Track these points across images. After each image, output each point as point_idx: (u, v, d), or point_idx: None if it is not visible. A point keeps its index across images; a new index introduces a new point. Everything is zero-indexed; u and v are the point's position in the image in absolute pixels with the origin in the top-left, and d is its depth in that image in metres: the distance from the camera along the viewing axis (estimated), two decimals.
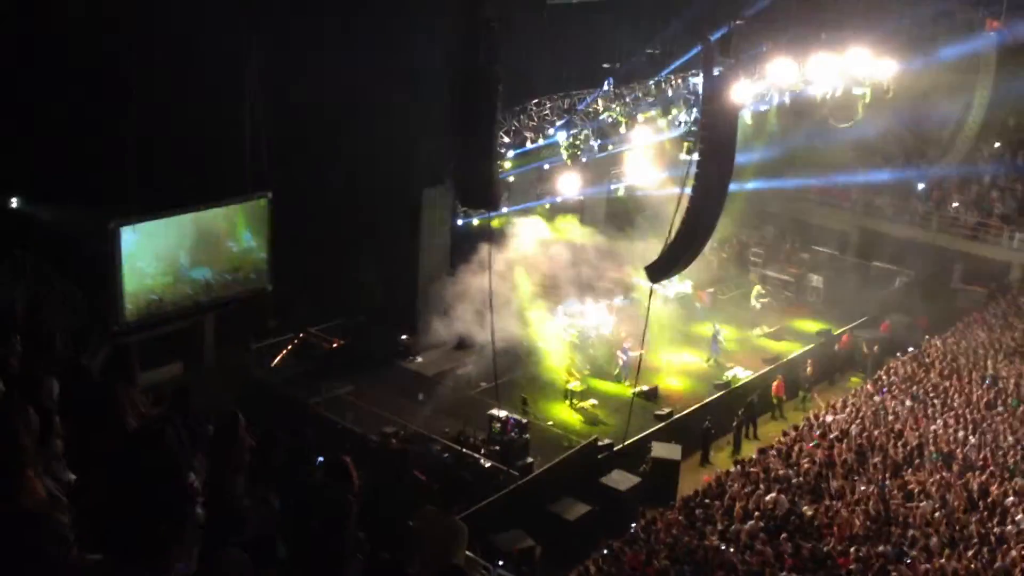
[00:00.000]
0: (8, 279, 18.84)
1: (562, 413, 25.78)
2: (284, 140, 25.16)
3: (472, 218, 26.94)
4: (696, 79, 25.85)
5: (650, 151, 30.37)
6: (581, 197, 29.85)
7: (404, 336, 27.94)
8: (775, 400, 27.44)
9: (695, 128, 24.34)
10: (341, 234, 26.41)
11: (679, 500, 20.91)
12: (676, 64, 27.46)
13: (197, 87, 22.22)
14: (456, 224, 27.49)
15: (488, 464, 21.90)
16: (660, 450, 22.99)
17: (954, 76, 35.33)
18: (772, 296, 34.76)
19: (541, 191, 30.02)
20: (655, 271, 22.09)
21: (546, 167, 28.34)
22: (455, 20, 21.60)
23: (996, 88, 36.14)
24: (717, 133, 20.82)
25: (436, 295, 27.15)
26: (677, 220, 21.03)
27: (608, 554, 18.12)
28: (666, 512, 19.96)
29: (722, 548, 17.78)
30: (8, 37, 20.03)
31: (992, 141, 38.54)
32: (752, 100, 28.49)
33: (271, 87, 24.72)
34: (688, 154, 23.81)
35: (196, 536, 3.77)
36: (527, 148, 26.01)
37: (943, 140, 38.44)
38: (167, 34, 21.10)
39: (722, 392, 26.76)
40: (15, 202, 22.39)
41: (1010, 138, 38.59)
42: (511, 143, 25.34)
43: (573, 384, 26.26)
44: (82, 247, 22.38)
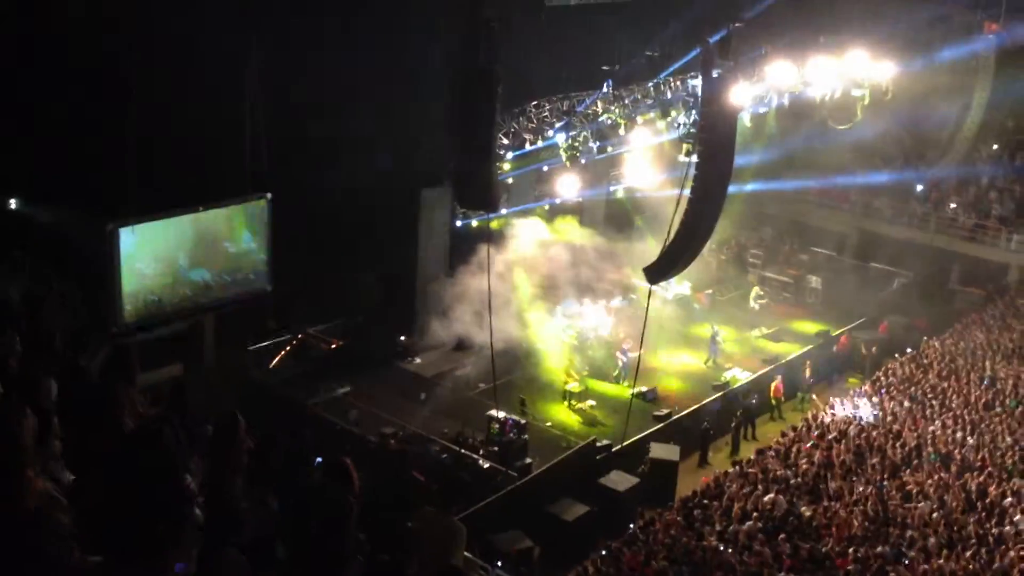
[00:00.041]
0: (7, 280, 18.84)
1: (561, 414, 25.78)
2: (283, 141, 25.15)
3: (471, 219, 26.95)
4: (695, 81, 25.85)
5: (649, 153, 30.35)
6: (580, 199, 29.85)
7: (403, 337, 27.93)
8: (774, 401, 27.47)
9: (694, 130, 24.34)
10: (340, 235, 26.38)
11: (677, 501, 20.92)
12: (675, 66, 27.47)
13: (197, 87, 22.21)
14: (455, 225, 27.49)
15: (487, 465, 21.90)
16: (658, 451, 23.02)
17: (953, 78, 35.33)
18: (771, 297, 34.77)
19: (540, 193, 30.00)
20: (654, 272, 22.10)
21: (545, 169, 28.33)
22: (455, 20, 21.63)
23: (994, 90, 36.15)
24: (716, 135, 20.84)
25: (435, 296, 27.16)
26: (676, 221, 21.03)
27: (606, 555, 18.13)
28: (664, 513, 19.97)
29: (720, 549, 17.79)
30: (8, 37, 20.02)
31: (990, 143, 38.56)
32: (751, 102, 28.49)
33: (271, 87, 24.72)
34: (687, 156, 23.84)
35: (195, 537, 3.78)
36: (526, 150, 26.02)
37: (942, 142, 38.44)
38: (167, 34, 21.10)
39: (720, 393, 26.77)
40: (14, 203, 22.37)
41: (1008, 140, 38.62)
42: (510, 144, 25.35)
43: (572, 385, 26.26)
44: (81, 248, 22.35)
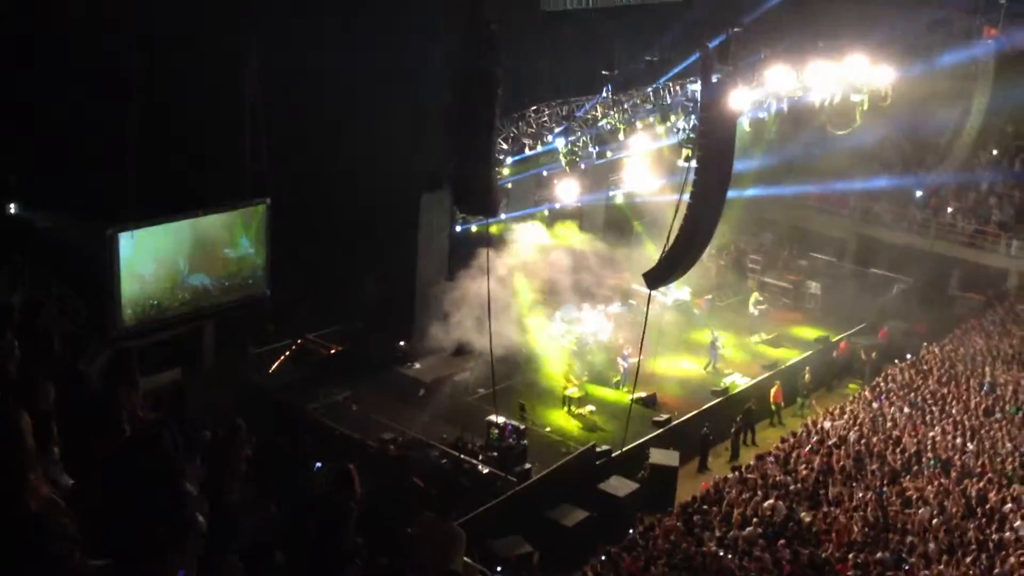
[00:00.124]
0: (6, 284, 18.83)
1: (560, 419, 25.73)
2: (283, 145, 25.08)
3: (471, 224, 26.91)
4: (694, 86, 25.83)
5: (648, 158, 30.34)
6: (579, 204, 29.83)
7: (402, 342, 27.90)
8: (773, 406, 27.45)
9: (693, 135, 24.34)
10: (339, 240, 26.38)
11: (677, 506, 20.90)
12: (674, 71, 27.44)
13: (197, 88, 22.19)
14: (455, 230, 27.47)
15: (486, 470, 21.86)
16: (658, 456, 22.99)
17: (952, 83, 35.35)
18: (770, 303, 34.72)
19: (540, 197, 29.96)
20: (653, 278, 22.09)
21: (545, 173, 28.30)
22: (455, 20, 21.60)
23: (994, 95, 36.17)
24: (715, 140, 20.84)
25: (434, 301, 27.11)
26: (675, 227, 21.03)
27: (606, 560, 18.11)
28: (664, 518, 19.95)
29: (720, 554, 17.77)
30: (8, 37, 19.99)
31: (990, 148, 38.59)
32: (750, 107, 28.49)
33: (270, 88, 24.66)
34: (686, 161, 23.82)
35: (198, 543, 3.77)
36: (526, 154, 25.98)
37: (941, 147, 38.47)
38: (167, 34, 21.09)
39: (720, 399, 26.75)
40: (13, 207, 22.35)
41: (1008, 145, 38.65)
42: (510, 149, 25.32)
43: (571, 390, 26.23)
44: (80, 253, 22.35)
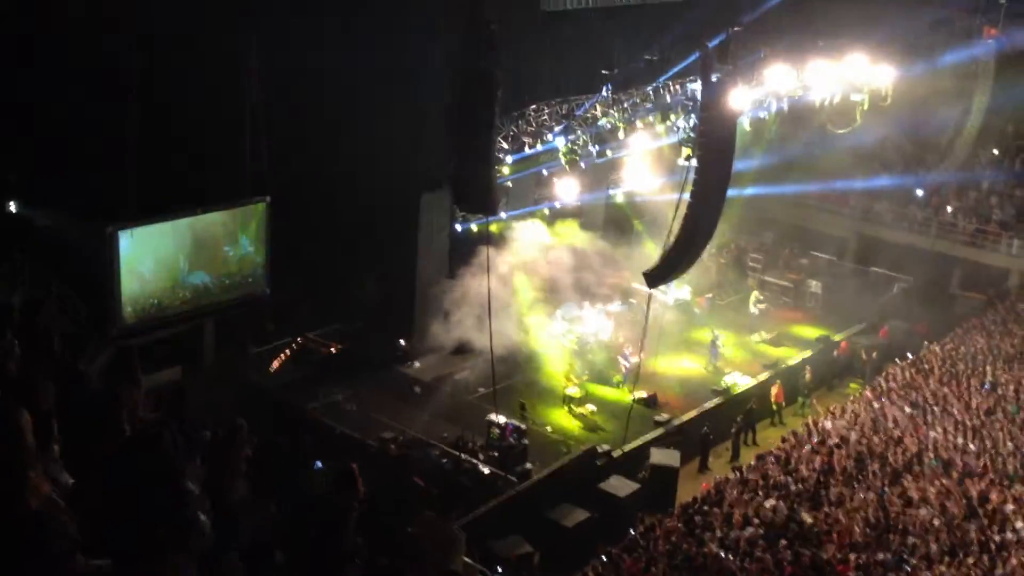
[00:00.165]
0: (6, 283, 18.81)
1: (561, 419, 25.70)
2: (283, 145, 25.08)
3: (471, 223, 26.91)
4: (694, 85, 25.81)
5: (648, 157, 30.32)
6: (579, 203, 29.81)
7: (402, 341, 27.89)
8: (774, 406, 27.42)
9: (693, 134, 24.33)
10: (339, 239, 26.37)
11: (678, 507, 20.86)
12: (674, 70, 27.42)
13: (197, 87, 22.17)
14: (455, 229, 27.46)
15: (487, 470, 21.84)
16: (659, 456, 22.96)
17: (953, 83, 35.32)
18: (770, 302, 34.68)
19: (540, 196, 29.95)
20: (654, 276, 22.09)
21: (545, 172, 28.29)
22: (455, 20, 21.57)
23: (994, 95, 36.14)
24: (715, 139, 20.83)
25: (434, 300, 27.10)
26: (676, 225, 21.02)
27: (607, 561, 18.07)
28: (665, 519, 19.91)
29: (721, 555, 17.72)
30: (8, 37, 19.96)
31: (990, 147, 38.55)
32: (750, 106, 28.46)
33: (270, 88, 24.64)
34: (686, 160, 23.83)
35: (201, 542, 3.75)
36: (526, 153, 25.98)
37: (941, 146, 38.44)
38: (167, 34, 21.06)
39: (721, 398, 26.72)
40: (13, 206, 22.34)
41: (1008, 145, 38.61)
42: (510, 148, 25.31)
43: (572, 390, 26.20)
44: (80, 251, 22.33)
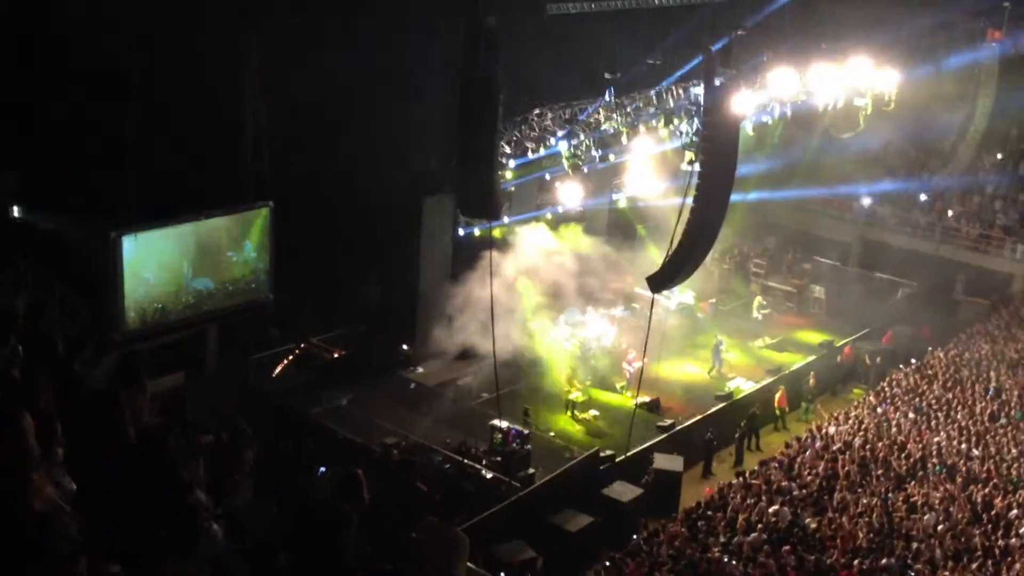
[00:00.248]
0: (10, 287, 18.82)
1: (564, 424, 25.69)
2: (284, 148, 25.06)
3: (473, 227, 26.91)
4: (697, 89, 25.84)
5: (651, 161, 30.32)
6: (582, 207, 29.79)
7: (405, 346, 27.87)
8: (778, 411, 27.37)
9: (696, 138, 24.32)
10: (342, 244, 26.37)
11: (681, 512, 20.82)
12: (677, 74, 27.43)
13: (197, 88, 22.15)
14: (457, 234, 27.45)
15: (490, 475, 21.80)
16: (662, 461, 22.92)
17: (956, 86, 35.35)
18: (774, 307, 34.65)
19: (542, 201, 29.95)
20: (657, 281, 22.05)
21: (547, 177, 28.30)
22: (455, 20, 21.57)
23: (998, 99, 36.15)
24: (718, 143, 20.80)
25: (437, 305, 27.08)
26: (679, 230, 20.99)
27: (610, 566, 18.04)
28: (668, 524, 19.89)
29: (725, 560, 17.69)
30: (8, 37, 19.96)
31: (994, 152, 38.53)
32: (753, 111, 28.47)
33: (271, 89, 24.60)
34: (690, 164, 23.80)
35: (212, 550, 3.74)
36: (528, 158, 25.98)
37: (945, 151, 38.42)
38: (167, 34, 21.06)
39: (724, 403, 26.67)
40: (16, 210, 22.35)
41: (1012, 149, 38.58)
42: (512, 153, 25.31)
43: (575, 395, 26.17)
44: (84, 256, 22.34)
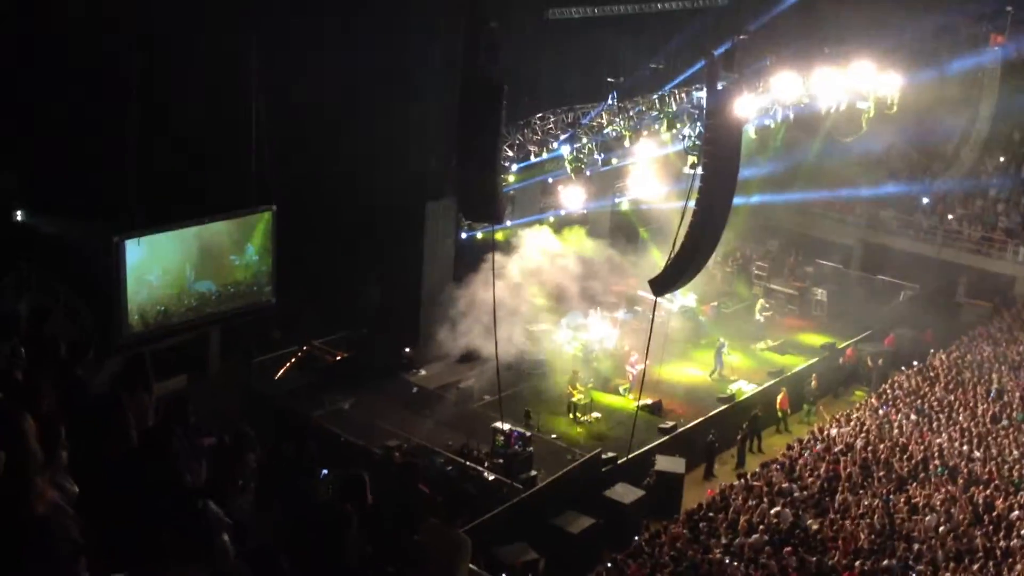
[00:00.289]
0: (13, 291, 18.90)
1: (566, 426, 25.72)
2: (284, 149, 25.08)
3: (476, 231, 26.95)
4: (700, 93, 25.84)
5: (654, 165, 30.34)
6: (585, 211, 29.83)
7: (407, 349, 27.92)
8: (779, 413, 27.39)
9: (699, 142, 24.34)
10: (343, 245, 26.43)
11: (683, 513, 20.85)
12: (680, 78, 27.44)
13: (197, 88, 22.18)
14: (460, 237, 27.50)
15: (492, 477, 21.84)
16: (664, 463, 22.94)
17: (958, 90, 35.34)
18: (776, 310, 34.66)
19: (545, 204, 29.99)
20: (659, 284, 22.08)
21: (550, 180, 28.33)
22: (455, 20, 21.60)
23: (1000, 102, 36.15)
24: (721, 147, 20.83)
25: (440, 308, 27.12)
26: (681, 233, 21.01)
27: (611, 567, 18.09)
28: (670, 525, 19.91)
29: (726, 562, 17.73)
30: (8, 37, 20.00)
31: (997, 155, 38.52)
32: (756, 114, 28.48)
33: (271, 88, 24.60)
34: (692, 168, 23.85)
35: (225, 565, 3.78)
36: (531, 161, 26.01)
37: (948, 154, 38.42)
38: (167, 34, 21.11)
39: (726, 406, 26.69)
40: (19, 214, 22.42)
41: (1015, 152, 38.56)
42: (515, 156, 25.34)
43: (577, 397, 26.20)
44: (87, 260, 22.40)
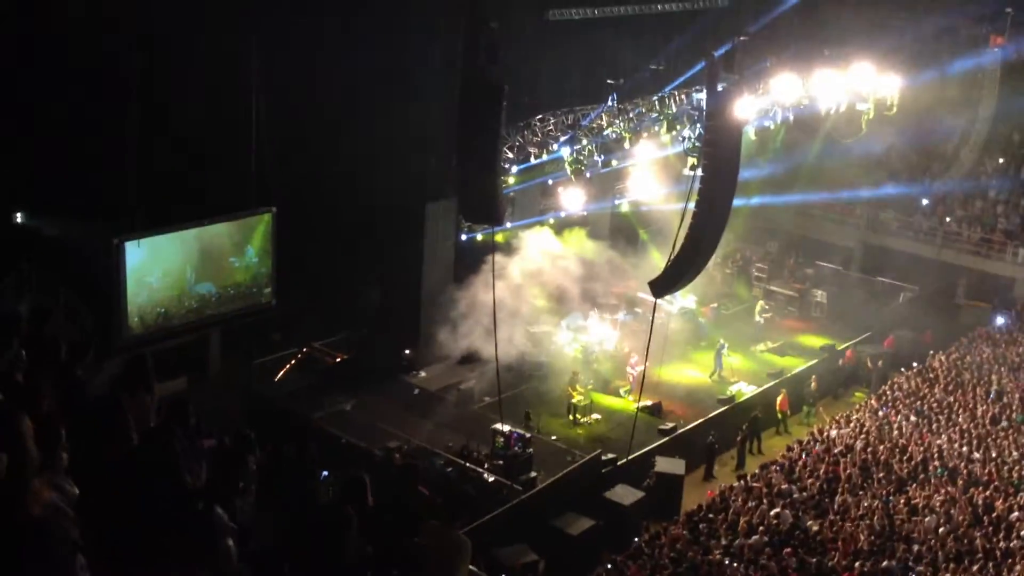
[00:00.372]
0: (14, 292, 18.90)
1: (565, 428, 25.73)
2: (284, 149, 25.10)
3: (476, 232, 26.96)
4: (700, 95, 25.87)
5: (654, 166, 30.37)
6: (585, 212, 29.86)
7: (407, 350, 27.93)
8: (779, 415, 27.40)
9: (699, 143, 24.35)
10: (345, 248, 26.44)
11: (683, 515, 20.85)
12: (680, 80, 27.48)
13: (197, 88, 22.17)
14: (460, 238, 27.52)
15: (491, 478, 21.86)
16: (664, 465, 22.96)
17: (958, 91, 35.36)
18: (776, 311, 34.68)
19: (545, 206, 30.02)
20: (659, 286, 22.08)
21: (550, 182, 28.35)
22: (455, 20, 21.61)
23: (1000, 103, 36.17)
24: (721, 149, 20.83)
25: (440, 309, 27.13)
26: (681, 235, 21.02)
27: (611, 569, 18.09)
28: (670, 527, 19.91)
29: (726, 563, 17.73)
30: (8, 37, 20.00)
31: (996, 156, 38.54)
32: (756, 116, 28.50)
33: (271, 88, 24.60)
34: (692, 169, 23.86)
35: (229, 568, 3.80)
36: (531, 163, 26.04)
37: (947, 155, 38.43)
38: (167, 34, 21.12)
39: (726, 407, 26.70)
40: (20, 216, 22.44)
41: (1014, 153, 38.58)
42: (515, 158, 25.36)
43: (577, 399, 26.21)
44: (87, 261, 22.41)
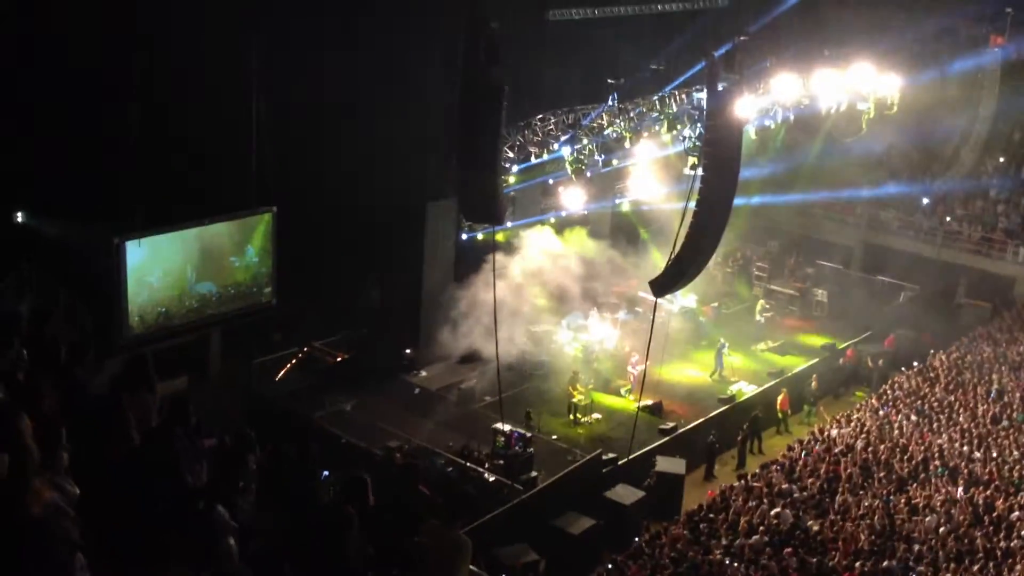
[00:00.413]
0: (14, 293, 18.91)
1: (566, 427, 25.74)
2: (284, 149, 25.11)
3: (477, 232, 26.97)
4: (700, 94, 25.87)
5: (654, 166, 30.37)
6: (586, 211, 29.86)
7: (408, 350, 27.93)
8: (780, 414, 27.40)
9: (699, 143, 24.34)
10: (345, 247, 26.44)
11: (683, 514, 20.86)
12: (680, 79, 27.49)
13: (197, 88, 22.17)
14: (461, 238, 27.53)
15: (492, 478, 21.86)
16: (664, 464, 22.96)
17: (959, 91, 35.36)
18: (776, 310, 34.70)
19: (546, 206, 30.02)
20: (660, 285, 22.08)
21: (551, 182, 28.35)
22: (455, 21, 21.61)
23: (1000, 103, 36.16)
24: (721, 148, 20.83)
25: (441, 309, 27.15)
26: (682, 234, 21.03)
27: (612, 568, 18.10)
28: (670, 526, 19.92)
29: (727, 563, 17.73)
30: (8, 37, 20.00)
31: (997, 155, 38.53)
32: (756, 115, 28.50)
33: (271, 88, 24.60)
34: (692, 169, 23.85)
35: (230, 567, 3.80)
36: (532, 163, 26.04)
37: (948, 154, 38.42)
38: (167, 34, 21.13)
39: (726, 406, 26.70)
40: (20, 216, 22.44)
41: (1015, 152, 38.56)
42: (516, 158, 25.37)
43: (577, 398, 26.21)
44: (88, 261, 22.41)
